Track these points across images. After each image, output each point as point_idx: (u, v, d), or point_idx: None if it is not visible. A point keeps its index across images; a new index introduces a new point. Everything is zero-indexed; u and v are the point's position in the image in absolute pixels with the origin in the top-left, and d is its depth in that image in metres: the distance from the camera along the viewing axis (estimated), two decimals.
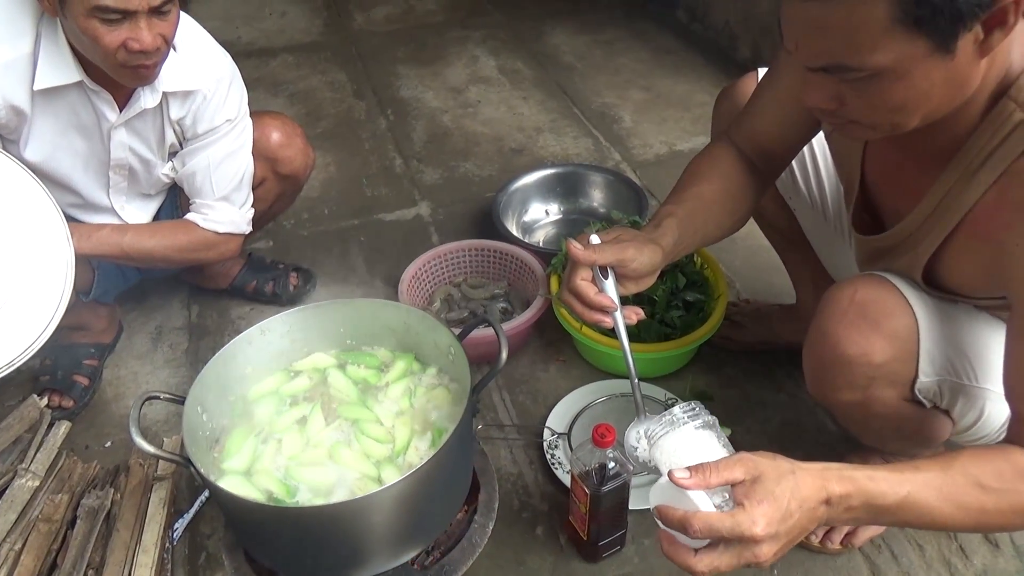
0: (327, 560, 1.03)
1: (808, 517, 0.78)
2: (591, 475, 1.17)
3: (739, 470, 0.78)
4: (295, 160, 1.68)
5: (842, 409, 1.12)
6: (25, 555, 1.28)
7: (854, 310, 1.01)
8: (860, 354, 1.00)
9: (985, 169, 0.88)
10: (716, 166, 1.19)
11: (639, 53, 3.07)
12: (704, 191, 1.16)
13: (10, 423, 1.47)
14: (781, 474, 0.78)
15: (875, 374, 1.02)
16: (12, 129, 1.35)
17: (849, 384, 1.04)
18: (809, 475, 0.79)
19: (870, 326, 1.00)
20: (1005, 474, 0.83)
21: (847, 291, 1.03)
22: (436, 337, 1.21)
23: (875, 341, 1.00)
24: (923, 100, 0.82)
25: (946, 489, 0.82)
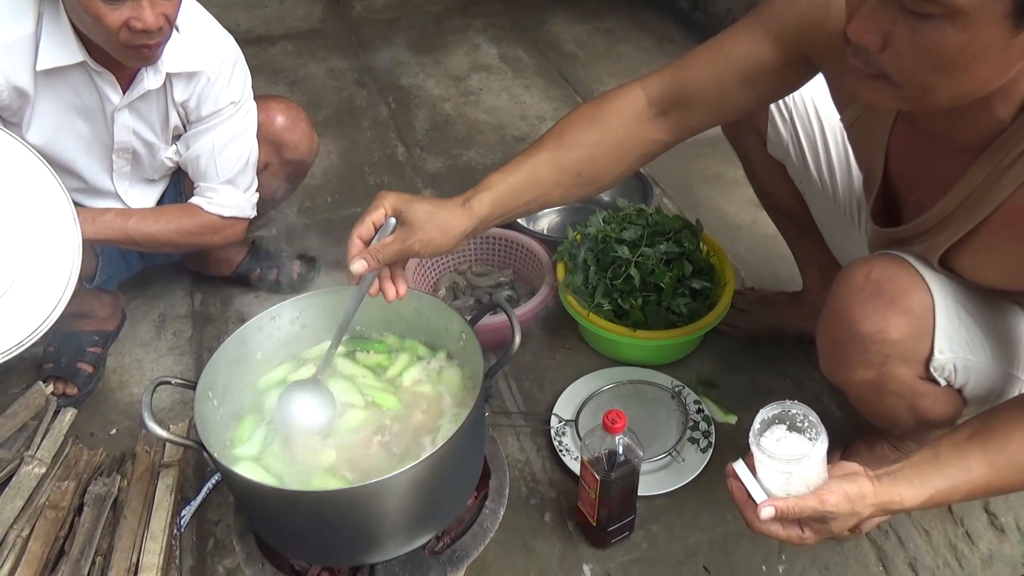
0: (340, 545, 1.03)
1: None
2: (601, 461, 1.17)
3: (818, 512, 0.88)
4: (300, 144, 1.67)
5: (856, 389, 1.11)
6: (33, 542, 1.27)
7: (869, 287, 1.00)
8: (876, 331, 1.00)
9: (1016, 168, 0.87)
10: (595, 122, 1.10)
11: (641, 41, 3.06)
12: (562, 155, 1.09)
13: (16, 410, 1.47)
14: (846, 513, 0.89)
15: (890, 351, 1.01)
16: (14, 111, 1.34)
17: (864, 362, 1.04)
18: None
19: (886, 303, 0.99)
20: None
21: (862, 269, 1.02)
22: (447, 323, 1.21)
23: (891, 318, 0.99)
24: (970, 67, 0.78)
25: (992, 482, 0.90)
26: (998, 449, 0.89)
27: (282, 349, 1.24)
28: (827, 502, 0.87)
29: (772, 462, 0.89)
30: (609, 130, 1.10)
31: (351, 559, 1.09)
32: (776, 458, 0.89)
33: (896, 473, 0.91)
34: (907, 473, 0.91)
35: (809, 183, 1.36)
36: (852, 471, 0.92)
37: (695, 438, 1.45)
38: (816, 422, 0.90)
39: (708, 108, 1.11)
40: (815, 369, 1.59)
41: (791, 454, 0.89)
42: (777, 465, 0.89)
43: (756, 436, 0.91)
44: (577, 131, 1.10)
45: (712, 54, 1.08)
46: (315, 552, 1.07)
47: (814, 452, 0.88)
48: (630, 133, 1.11)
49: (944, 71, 0.79)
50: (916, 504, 0.90)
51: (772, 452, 0.89)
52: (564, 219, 2.09)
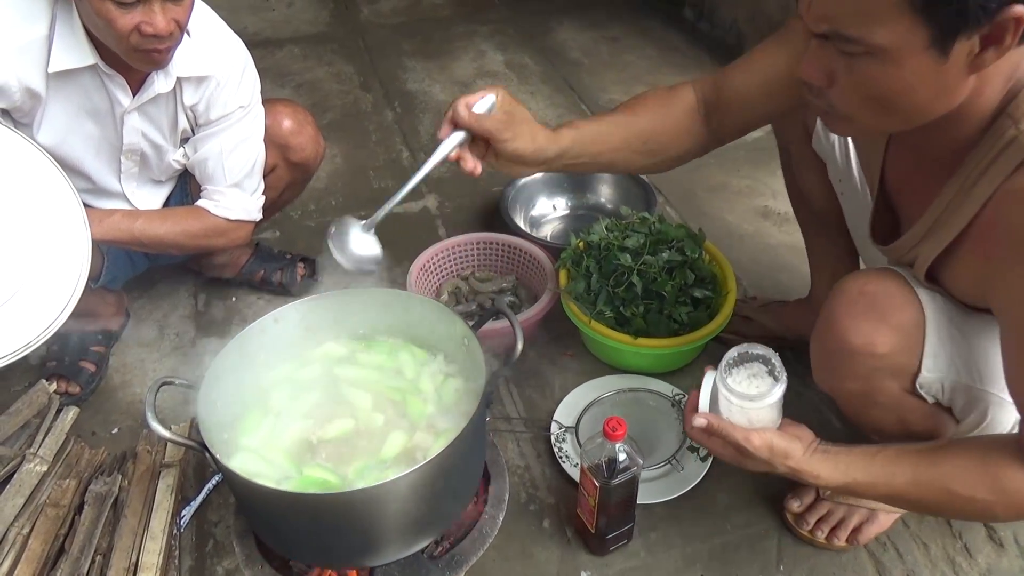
0: (340, 547, 1.04)
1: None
2: (601, 468, 1.17)
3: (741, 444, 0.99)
4: (306, 148, 1.68)
5: (845, 398, 1.13)
6: (33, 539, 1.28)
7: (863, 301, 1.03)
8: (865, 344, 1.02)
9: (980, 185, 0.90)
10: (663, 103, 1.21)
11: (645, 50, 3.07)
12: (634, 121, 1.18)
13: (19, 408, 1.47)
14: (763, 459, 0.99)
15: (878, 365, 1.03)
16: (26, 112, 1.35)
17: (853, 373, 1.06)
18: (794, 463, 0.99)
19: (877, 317, 1.01)
20: (972, 482, 0.93)
21: (857, 282, 1.05)
22: (450, 327, 1.21)
23: (881, 332, 1.01)
24: (905, 96, 0.84)
25: (911, 494, 0.96)
26: (929, 467, 0.96)
27: (285, 351, 1.25)
28: (750, 442, 0.98)
29: (731, 395, 1.00)
30: (671, 115, 1.20)
31: (350, 562, 1.09)
32: (733, 392, 1.00)
33: (830, 452, 1.00)
34: (839, 457, 0.99)
35: (849, 184, 1.34)
36: (798, 434, 1.02)
37: (695, 447, 1.45)
38: (780, 369, 0.99)
39: (737, 115, 1.19)
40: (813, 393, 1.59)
41: (746, 392, 0.99)
42: (732, 398, 1.00)
43: (723, 371, 1.01)
44: (647, 107, 1.20)
45: (744, 65, 1.18)
46: (314, 554, 1.07)
47: (770, 395, 0.98)
48: (686, 123, 1.20)
49: (884, 101, 0.85)
50: (829, 485, 1.00)
51: (731, 387, 1.00)
52: (567, 226, 2.10)
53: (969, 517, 1.03)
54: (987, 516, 0.99)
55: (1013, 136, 0.86)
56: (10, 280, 1.19)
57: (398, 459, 1.10)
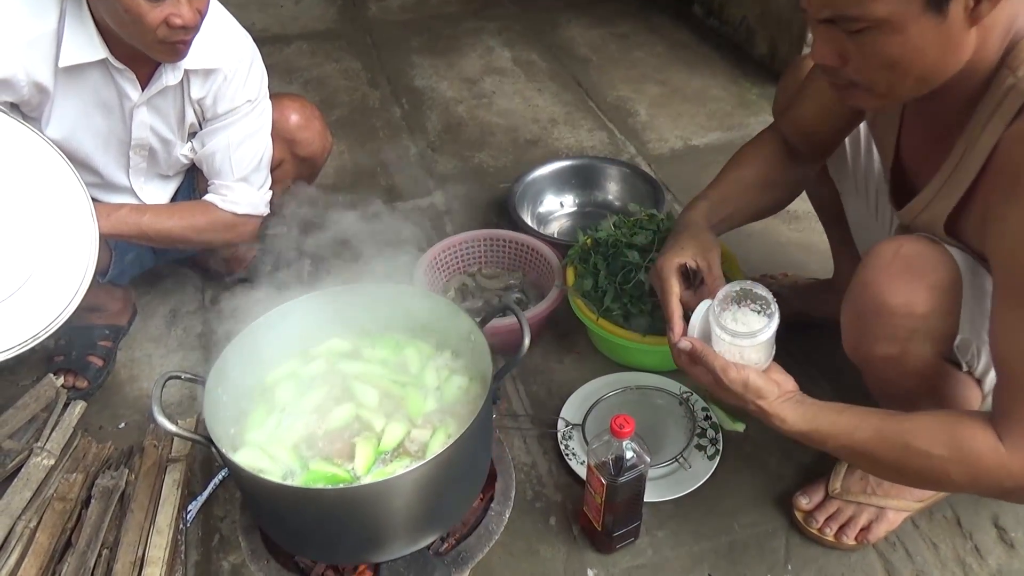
0: (346, 543, 1.03)
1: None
2: (608, 466, 1.17)
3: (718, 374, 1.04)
4: (313, 142, 1.68)
5: (876, 365, 1.10)
6: (40, 532, 1.28)
7: (899, 262, 1.02)
8: (903, 303, 1.00)
9: (985, 135, 0.93)
10: (759, 152, 1.34)
11: (655, 47, 3.06)
12: (743, 175, 1.32)
13: (26, 402, 1.47)
14: (734, 392, 1.04)
15: (917, 326, 1.01)
16: (34, 106, 1.35)
17: (889, 336, 1.04)
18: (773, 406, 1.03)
19: (915, 277, 1.00)
20: (932, 439, 0.93)
21: (892, 245, 1.04)
22: (456, 323, 1.21)
23: (919, 292, 1.00)
24: (916, 59, 0.88)
25: (870, 447, 0.97)
26: (893, 423, 0.96)
27: (291, 345, 1.25)
28: (727, 374, 1.02)
29: (723, 333, 1.03)
30: (769, 161, 1.34)
31: (356, 558, 1.09)
32: (725, 329, 1.03)
33: (804, 403, 1.03)
34: (810, 407, 1.02)
35: (846, 183, 1.39)
36: (780, 380, 1.05)
37: (702, 445, 1.45)
38: (774, 310, 1.02)
39: (824, 139, 1.30)
40: (826, 380, 1.58)
41: (736, 330, 1.03)
42: (724, 335, 1.03)
43: (718, 305, 1.04)
44: (755, 164, 1.34)
45: (805, 100, 1.27)
46: (320, 549, 1.07)
47: (760, 334, 1.01)
48: (786, 172, 1.34)
49: (897, 68, 0.89)
50: (792, 431, 1.02)
51: (724, 324, 1.03)
52: (575, 223, 2.09)
53: (922, 478, 0.99)
54: (940, 477, 0.94)
55: (1012, 84, 0.89)
56: (18, 272, 1.19)
57: (396, 453, 1.10)
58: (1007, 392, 0.91)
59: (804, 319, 1.66)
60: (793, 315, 1.66)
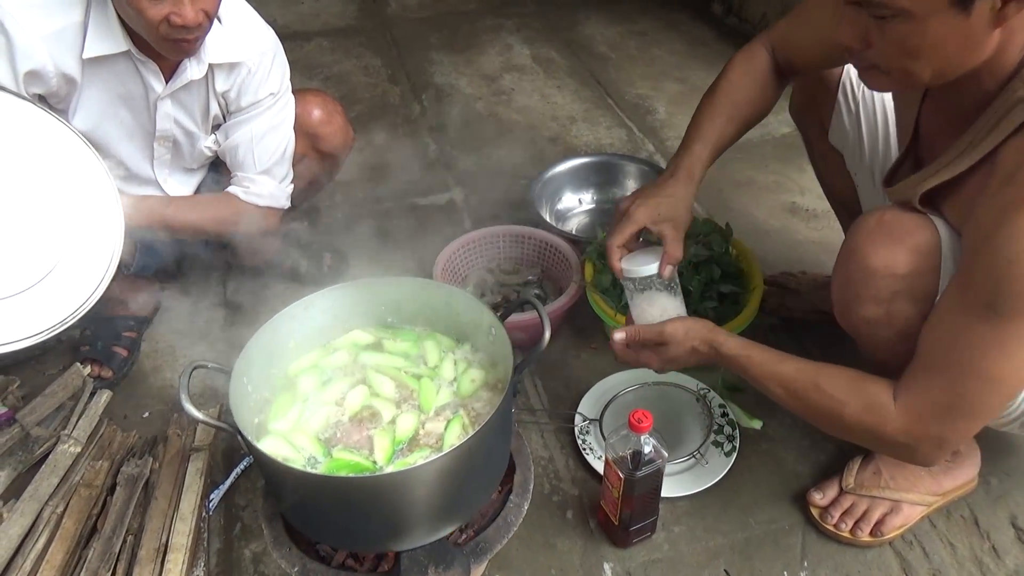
0: (368, 531, 1.05)
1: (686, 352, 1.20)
2: (625, 460, 1.17)
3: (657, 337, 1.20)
4: (335, 137, 1.69)
5: (866, 329, 1.14)
6: (67, 518, 1.30)
7: (881, 228, 1.07)
8: (884, 266, 1.05)
9: (987, 140, 0.95)
10: (751, 73, 1.34)
11: (674, 45, 3.05)
12: (737, 101, 1.33)
13: (54, 390, 1.50)
14: (679, 340, 1.19)
15: (898, 287, 1.06)
16: (62, 98, 1.38)
17: (873, 297, 1.08)
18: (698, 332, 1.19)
19: (895, 240, 1.05)
20: (839, 385, 1.07)
21: (875, 213, 1.09)
22: (477, 317, 1.22)
23: (899, 253, 1.04)
24: (935, 51, 0.91)
25: (787, 377, 1.11)
26: (811, 367, 1.10)
27: (314, 337, 1.26)
28: (665, 331, 1.18)
29: (632, 284, 1.25)
30: (760, 86, 1.35)
31: (377, 546, 1.10)
32: (632, 279, 1.25)
33: (734, 337, 1.17)
34: (741, 339, 1.16)
35: (862, 172, 1.40)
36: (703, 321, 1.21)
37: (719, 442, 1.45)
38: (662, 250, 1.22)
39: (803, 67, 1.35)
40: None
41: (638, 270, 1.23)
42: (633, 287, 1.26)
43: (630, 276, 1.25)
44: (743, 90, 1.34)
45: (802, 20, 1.29)
46: (342, 537, 1.09)
47: (654, 265, 1.22)
48: (771, 88, 1.36)
49: (917, 57, 0.92)
50: (729, 353, 1.15)
51: (628, 271, 1.25)
52: (593, 220, 2.09)
53: (822, 415, 1.10)
54: (835, 417, 1.07)
55: (1020, 97, 0.91)
56: (45, 260, 1.22)
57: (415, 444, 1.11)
58: (915, 363, 1.02)
59: (822, 316, 1.66)
60: (811, 312, 1.69)
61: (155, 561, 1.24)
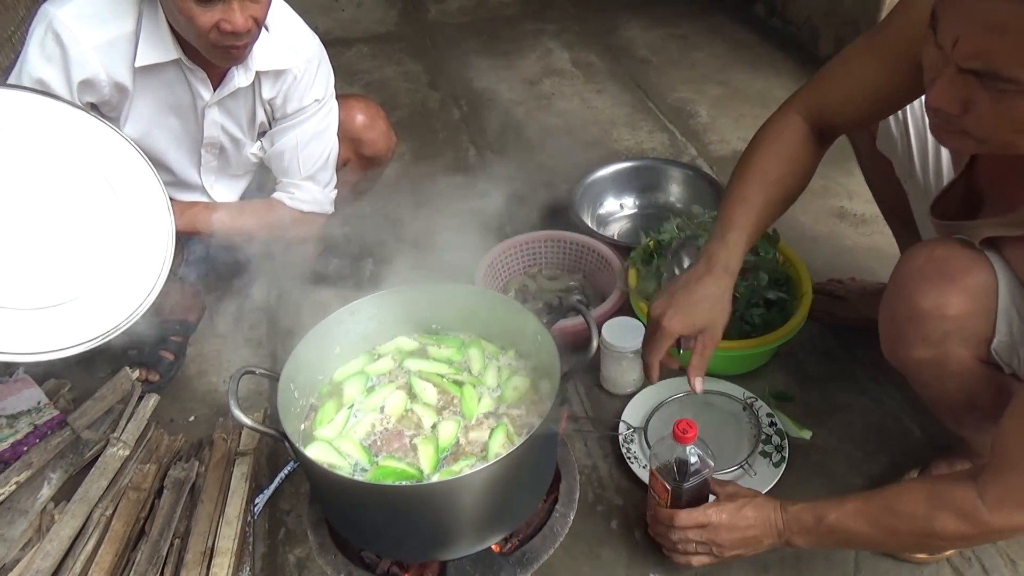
0: (413, 540, 1.04)
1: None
2: (671, 470, 1.15)
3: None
4: (378, 142, 1.70)
5: (916, 369, 1.10)
6: (116, 521, 1.32)
7: (931, 266, 1.01)
8: (934, 307, 1.00)
9: None
10: (785, 146, 1.21)
11: (715, 48, 3.01)
12: (771, 179, 1.20)
13: (104, 393, 1.53)
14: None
15: (949, 328, 1.00)
16: (114, 106, 1.40)
17: (923, 339, 1.03)
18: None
19: (946, 280, 0.99)
20: (919, 501, 0.99)
21: (925, 248, 1.03)
22: (522, 324, 1.21)
23: (950, 294, 0.99)
24: None
25: (867, 512, 1.03)
26: (885, 498, 1.03)
27: (359, 343, 1.26)
28: (708, 514, 1.11)
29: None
30: (796, 157, 1.21)
31: (423, 555, 1.10)
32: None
33: (794, 517, 1.08)
34: (800, 521, 1.07)
35: (913, 183, 1.35)
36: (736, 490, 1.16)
37: (767, 452, 1.42)
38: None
39: (842, 129, 1.25)
40: (894, 387, 1.54)
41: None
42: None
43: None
44: (777, 166, 1.21)
45: (841, 79, 1.18)
46: (388, 546, 1.08)
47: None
48: (809, 159, 1.23)
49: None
50: (809, 525, 1.07)
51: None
52: (635, 225, 2.07)
53: (912, 539, 1.04)
54: (927, 534, 0.99)
55: None
56: (100, 265, 1.24)
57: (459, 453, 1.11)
58: (998, 458, 0.95)
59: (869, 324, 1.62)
60: (860, 320, 1.64)
61: (201, 565, 1.25)
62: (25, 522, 1.32)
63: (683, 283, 1.15)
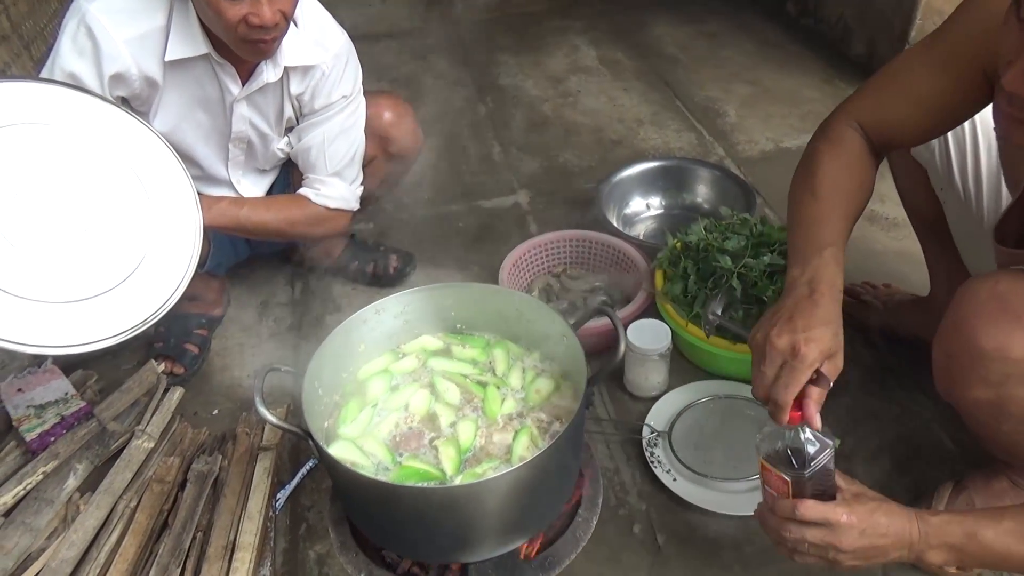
0: (437, 541, 1.04)
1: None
2: (786, 458, 1.00)
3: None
4: (405, 139, 1.69)
5: (971, 408, 1.04)
6: (140, 513, 1.33)
7: (994, 302, 0.95)
8: (996, 348, 0.94)
9: None
10: (849, 158, 1.15)
11: (744, 46, 2.98)
12: (847, 199, 1.13)
13: (130, 386, 1.54)
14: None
15: (1011, 371, 0.95)
16: (144, 100, 1.40)
17: (982, 380, 0.97)
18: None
19: (1011, 319, 0.93)
20: None
21: (987, 282, 0.97)
22: (548, 325, 1.20)
23: (1015, 335, 0.93)
24: None
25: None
26: None
27: (384, 342, 1.26)
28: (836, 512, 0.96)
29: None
30: (864, 173, 1.16)
31: (445, 557, 1.09)
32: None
33: (933, 529, 0.97)
34: (942, 534, 0.97)
35: (951, 191, 1.30)
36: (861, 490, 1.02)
37: None
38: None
39: (906, 144, 1.23)
40: (924, 396, 1.51)
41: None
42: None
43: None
44: (846, 180, 1.14)
45: (898, 94, 1.12)
46: (411, 546, 1.08)
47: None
48: (870, 175, 1.17)
49: None
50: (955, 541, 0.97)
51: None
52: (661, 225, 2.05)
53: None
54: None
55: None
56: (130, 259, 1.24)
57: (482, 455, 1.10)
58: None
59: (892, 335, 1.60)
60: (882, 328, 1.61)
61: (223, 559, 1.25)
62: (51, 512, 1.33)
63: (791, 307, 1.01)
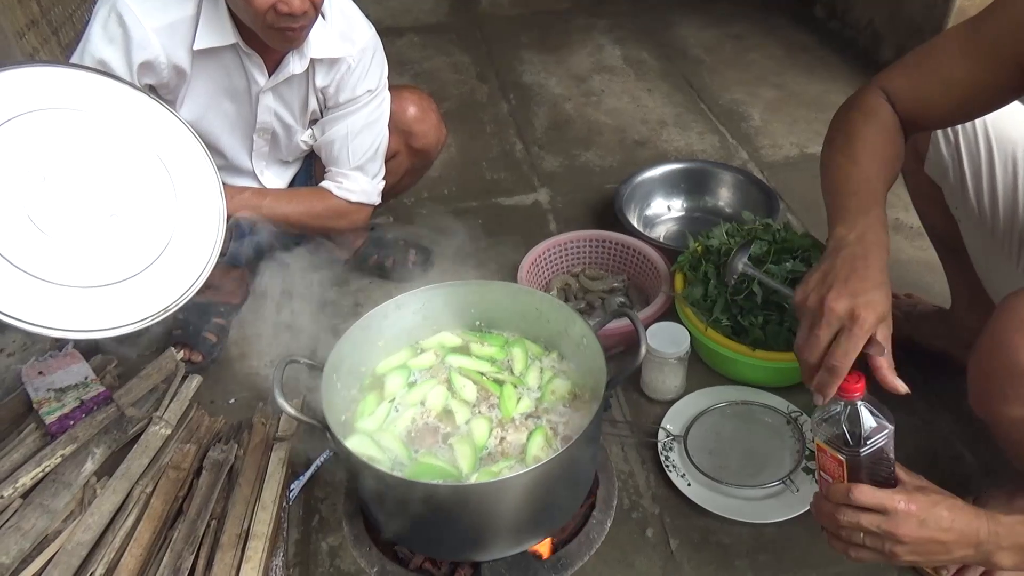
0: (452, 539, 1.04)
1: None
2: (842, 436, 0.95)
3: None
4: (428, 135, 1.69)
5: (1007, 426, 1.03)
6: (155, 499, 1.33)
7: None
8: None
9: None
10: (883, 127, 1.12)
11: (771, 49, 2.95)
12: (889, 164, 1.11)
13: (149, 372, 1.55)
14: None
15: None
16: (171, 89, 1.41)
17: (1020, 397, 0.96)
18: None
19: None
20: None
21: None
22: (568, 325, 1.19)
23: None
24: None
25: None
26: None
27: (403, 336, 1.26)
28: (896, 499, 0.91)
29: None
30: (898, 144, 1.13)
31: (458, 554, 1.09)
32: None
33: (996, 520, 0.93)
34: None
35: (966, 209, 1.28)
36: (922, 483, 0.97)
37: (811, 468, 1.39)
38: None
39: (933, 124, 1.20)
40: (946, 410, 1.49)
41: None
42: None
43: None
44: (884, 148, 1.11)
45: (931, 75, 1.10)
46: (423, 542, 1.08)
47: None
48: (902, 147, 1.14)
49: None
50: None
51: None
52: (682, 228, 2.04)
53: None
54: None
55: None
56: (155, 246, 1.25)
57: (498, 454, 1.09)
58: None
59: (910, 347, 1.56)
60: (901, 339, 1.57)
61: (236, 547, 1.26)
62: (68, 495, 1.34)
63: (845, 268, 0.97)
